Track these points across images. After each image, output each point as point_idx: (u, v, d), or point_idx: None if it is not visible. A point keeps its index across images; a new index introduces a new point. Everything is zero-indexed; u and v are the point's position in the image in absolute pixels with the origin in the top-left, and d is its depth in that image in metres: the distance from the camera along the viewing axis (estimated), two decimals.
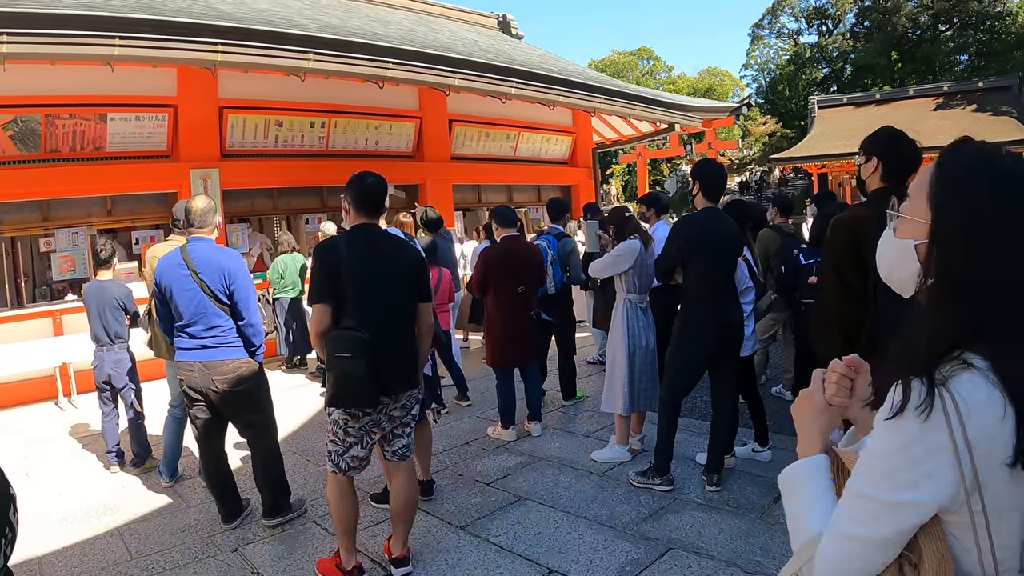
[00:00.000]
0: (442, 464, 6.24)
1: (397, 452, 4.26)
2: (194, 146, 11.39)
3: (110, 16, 8.41)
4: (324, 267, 3.99)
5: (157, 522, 5.42)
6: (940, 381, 1.22)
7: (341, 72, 10.50)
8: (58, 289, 11.11)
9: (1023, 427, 1.18)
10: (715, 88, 53.96)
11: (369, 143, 13.83)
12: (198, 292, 4.85)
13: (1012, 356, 1.22)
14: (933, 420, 1.20)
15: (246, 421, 5.16)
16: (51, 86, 10.01)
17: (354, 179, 4.21)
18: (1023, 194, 1.29)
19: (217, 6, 10.60)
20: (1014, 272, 1.26)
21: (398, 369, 4.07)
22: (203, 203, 5.07)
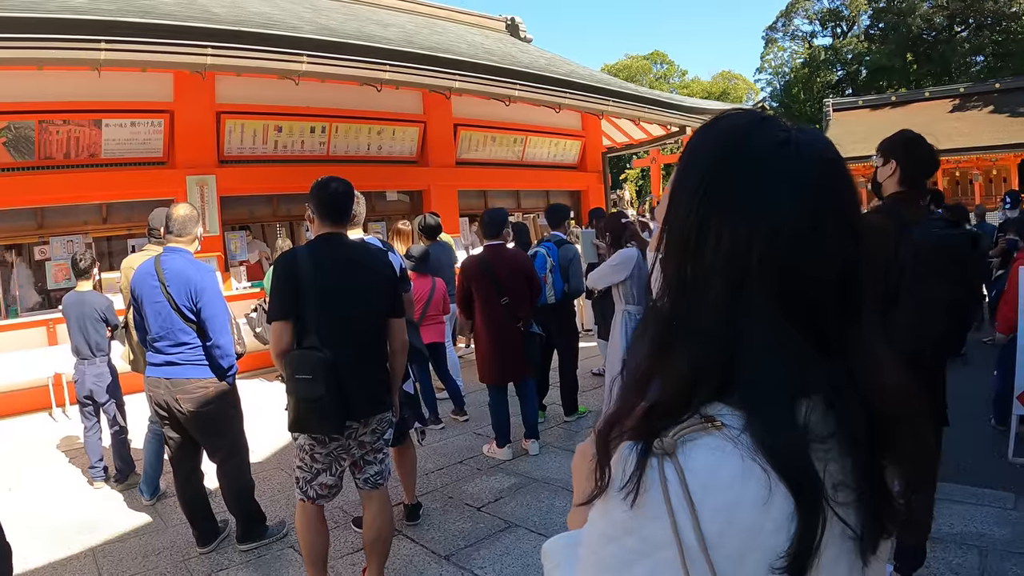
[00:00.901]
0: (432, 485, 5.97)
1: (369, 480, 3.99)
2: (191, 152, 11.24)
3: (95, 19, 8.25)
4: (282, 281, 3.71)
5: (133, 543, 5.23)
6: (662, 449, 0.85)
7: (336, 75, 10.31)
8: (55, 298, 10.96)
9: (806, 515, 0.82)
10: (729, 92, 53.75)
11: (372, 148, 13.66)
12: (166, 306, 4.63)
13: (768, 412, 0.85)
14: (646, 506, 0.84)
15: (211, 445, 4.92)
16: (44, 92, 9.88)
17: (317, 185, 3.96)
18: (772, 188, 0.91)
19: (211, 9, 10.44)
20: (757, 300, 0.90)
21: (365, 391, 3.79)
22: (185, 211, 4.82)
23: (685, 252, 0.95)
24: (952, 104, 28.41)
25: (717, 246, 0.92)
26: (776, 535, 0.82)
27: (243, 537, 4.93)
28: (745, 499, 0.82)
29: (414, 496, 5.29)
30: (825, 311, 0.91)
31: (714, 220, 0.92)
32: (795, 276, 0.89)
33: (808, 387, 0.87)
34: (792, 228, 0.89)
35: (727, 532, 0.82)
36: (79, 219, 10.93)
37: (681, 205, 0.98)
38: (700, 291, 0.93)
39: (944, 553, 4.25)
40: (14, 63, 8.24)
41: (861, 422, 0.88)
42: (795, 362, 0.88)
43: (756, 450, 0.83)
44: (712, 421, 0.86)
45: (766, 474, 0.82)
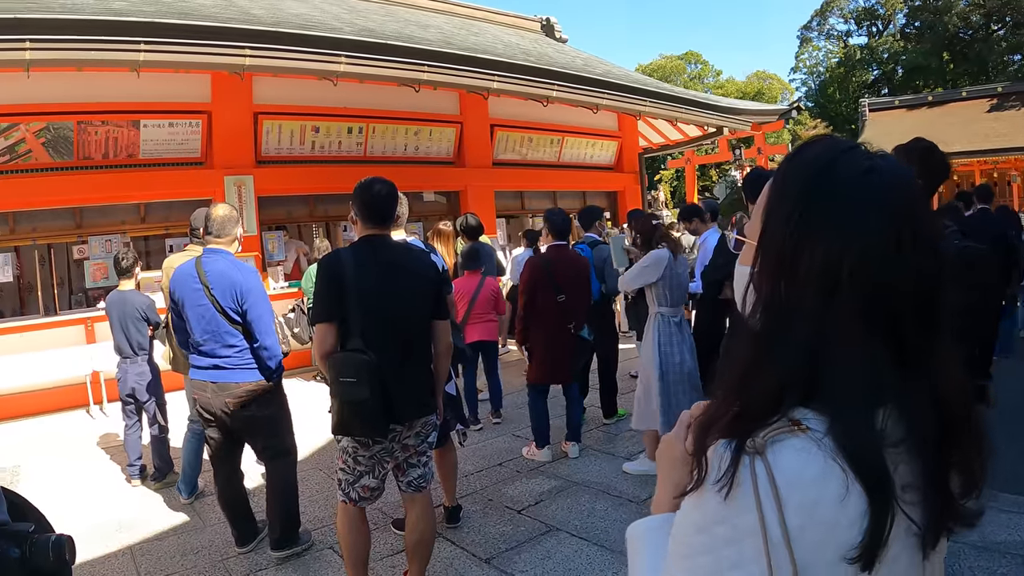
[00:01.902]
0: (472, 487, 5.92)
1: (412, 483, 3.94)
2: (228, 153, 11.31)
3: (135, 21, 8.31)
4: (327, 283, 3.68)
5: (171, 542, 5.23)
6: (754, 448, 0.94)
7: (374, 75, 10.31)
8: (92, 296, 11.07)
9: (877, 513, 0.90)
10: (764, 92, 53.25)
11: (408, 148, 13.65)
12: (210, 308, 4.57)
13: (849, 418, 0.93)
14: (738, 500, 0.94)
15: (262, 445, 4.87)
16: (83, 93, 9.97)
17: (361, 186, 3.91)
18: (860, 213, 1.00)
19: (249, 10, 10.48)
20: (845, 315, 0.98)
21: (409, 394, 3.74)
22: (224, 211, 4.75)
23: (781, 269, 1.04)
24: (990, 104, 27.93)
25: (811, 264, 1.00)
26: (850, 530, 0.90)
27: (279, 544, 4.81)
28: (825, 497, 0.91)
29: (454, 498, 5.24)
30: (904, 323, 0.98)
31: (808, 241, 1.01)
32: (879, 291, 0.98)
33: (885, 395, 0.95)
34: (878, 248, 0.98)
35: (808, 526, 0.91)
36: (117, 219, 11.04)
37: (777, 228, 1.06)
38: (793, 304, 1.02)
39: (988, 562, 4.17)
40: (54, 65, 8.34)
41: (931, 427, 0.95)
42: (875, 372, 0.95)
43: (837, 452, 0.91)
44: (798, 424, 0.94)
45: (845, 474, 0.90)
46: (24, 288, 11.12)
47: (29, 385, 8.86)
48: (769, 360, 1.01)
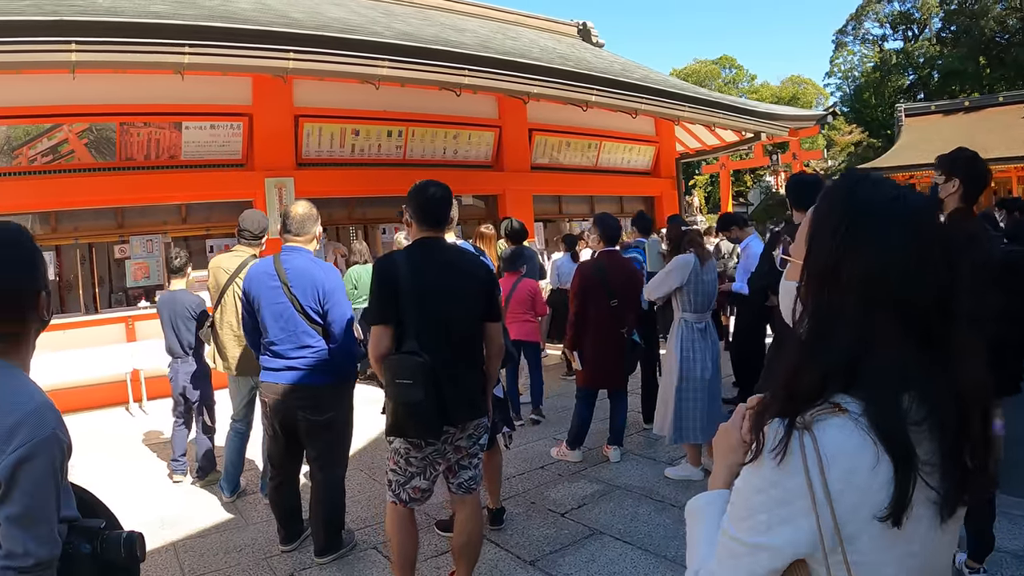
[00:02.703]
0: (514, 490, 5.91)
1: (463, 484, 3.93)
2: (269, 155, 11.39)
3: (180, 24, 8.41)
4: (382, 285, 3.67)
5: (214, 539, 5.25)
6: (803, 424, 1.18)
7: (416, 79, 10.35)
8: (133, 295, 11.18)
9: (902, 479, 1.13)
10: (798, 97, 52.74)
11: (448, 152, 13.69)
12: (288, 307, 4.50)
13: (881, 402, 1.16)
14: (789, 465, 1.17)
15: (319, 450, 4.74)
16: (126, 95, 10.09)
17: (415, 189, 3.88)
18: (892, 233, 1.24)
19: (290, 14, 10.58)
20: (881, 317, 1.21)
21: (463, 396, 3.72)
22: (304, 209, 4.67)
23: (826, 282, 1.28)
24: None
25: (851, 277, 1.23)
26: (879, 493, 1.13)
27: (323, 550, 4.76)
28: (861, 466, 1.13)
29: (498, 500, 5.23)
30: (929, 321, 1.20)
31: (848, 256, 1.24)
32: (908, 296, 1.20)
33: (910, 383, 1.17)
34: (904, 262, 1.21)
35: (846, 490, 1.14)
36: (158, 219, 11.15)
37: (822, 247, 1.30)
38: (836, 311, 1.24)
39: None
40: (99, 66, 8.46)
41: (950, 411, 1.16)
42: (903, 364, 1.18)
43: (870, 430, 1.14)
44: (839, 406, 1.17)
45: (876, 448, 1.13)
46: (64, 287, 11.25)
47: (70, 382, 8.93)
48: (816, 358, 1.23)
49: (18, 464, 1.68)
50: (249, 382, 5.72)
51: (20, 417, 1.72)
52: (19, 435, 1.70)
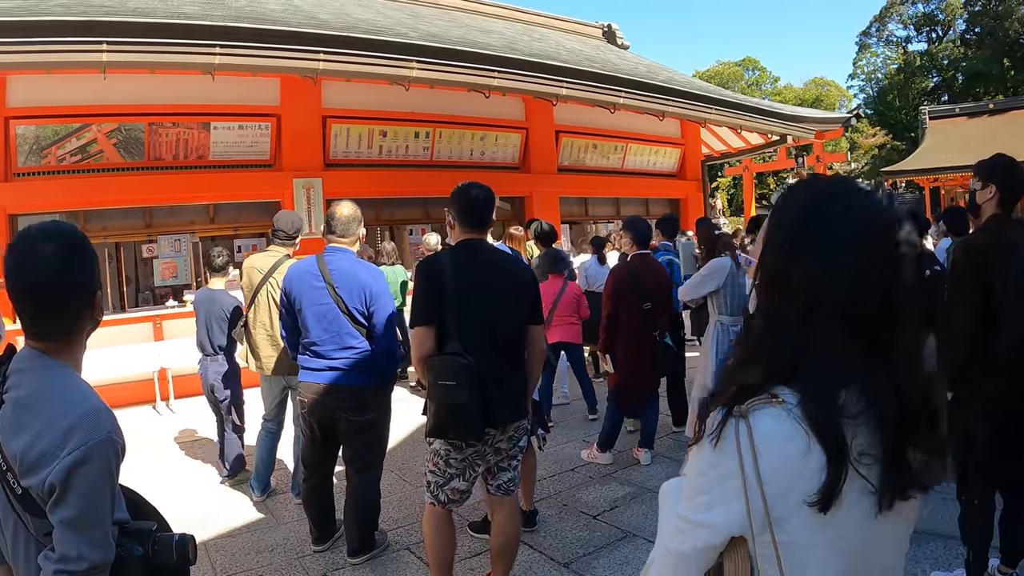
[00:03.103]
0: (546, 492, 5.88)
1: (502, 486, 3.91)
2: (297, 155, 11.45)
3: (210, 25, 8.46)
4: (426, 286, 3.64)
5: (245, 538, 5.26)
6: (740, 413, 1.24)
7: (445, 81, 10.37)
8: (160, 295, 11.25)
9: (832, 469, 1.18)
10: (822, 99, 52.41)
11: (475, 154, 13.72)
12: (332, 308, 4.47)
13: (815, 395, 1.22)
14: (725, 449, 1.25)
15: (356, 451, 4.71)
16: (154, 95, 10.18)
17: (458, 191, 3.86)
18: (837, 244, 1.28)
19: (318, 15, 10.62)
20: (821, 320, 1.27)
21: (506, 398, 3.69)
22: (348, 210, 4.64)
23: (774, 285, 1.35)
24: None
25: (797, 283, 1.29)
26: (811, 480, 1.18)
27: (356, 552, 4.75)
28: (791, 451, 1.20)
29: (531, 503, 5.21)
30: (872, 325, 1.25)
31: (795, 265, 1.30)
32: (849, 305, 1.25)
33: (848, 379, 1.22)
34: (848, 272, 1.25)
35: (777, 474, 1.20)
36: (186, 219, 11.23)
37: (772, 252, 1.37)
38: (782, 314, 1.31)
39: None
40: (130, 67, 8.53)
41: (888, 406, 1.21)
42: (840, 362, 1.23)
43: (803, 419, 1.20)
44: (776, 397, 1.23)
45: (808, 436, 1.19)
46: None
47: (98, 380, 8.94)
48: (760, 355, 1.31)
49: (73, 467, 1.67)
50: (281, 382, 5.73)
51: (75, 419, 1.72)
52: (74, 438, 1.69)
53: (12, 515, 1.80)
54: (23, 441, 1.72)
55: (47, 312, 1.85)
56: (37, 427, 1.72)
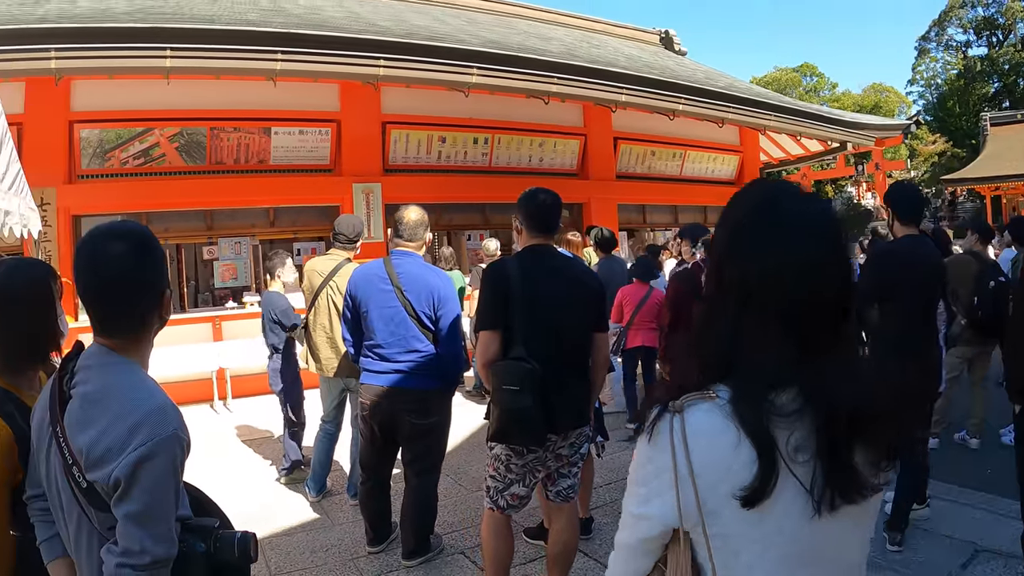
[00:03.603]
0: (602, 499, 5.82)
1: (561, 493, 3.88)
2: (357, 161, 11.54)
3: (272, 32, 8.60)
4: (492, 291, 3.64)
5: (300, 538, 5.29)
6: (676, 409, 1.29)
7: (505, 87, 10.41)
8: (220, 296, 11.42)
9: (761, 465, 1.20)
10: (881, 105, 51.45)
11: (533, 160, 13.69)
12: (400, 311, 4.46)
13: (745, 393, 1.25)
14: (659, 444, 1.30)
15: (416, 454, 4.69)
16: (216, 100, 10.36)
17: (526, 196, 3.84)
18: (769, 241, 1.33)
19: (377, 22, 10.73)
20: (752, 317, 1.30)
21: (569, 404, 3.66)
22: (416, 215, 4.65)
23: (715, 281, 1.41)
24: None
25: (731, 278, 1.35)
26: (741, 472, 1.21)
27: (411, 554, 4.75)
28: (721, 444, 1.23)
29: (588, 510, 5.17)
30: (803, 324, 1.27)
31: (729, 262, 1.37)
32: (781, 302, 1.28)
33: (780, 378, 1.25)
34: (776, 271, 1.29)
35: (707, 464, 1.24)
36: (247, 222, 11.40)
37: (715, 250, 1.45)
38: (719, 308, 1.37)
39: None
40: (193, 72, 8.72)
41: (821, 405, 1.22)
42: (773, 360, 1.26)
43: (733, 414, 1.23)
44: (709, 393, 1.28)
45: (738, 430, 1.22)
46: None
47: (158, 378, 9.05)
48: (698, 350, 1.38)
49: (139, 462, 1.69)
50: (340, 384, 5.77)
51: (142, 416, 1.75)
52: (141, 433, 1.72)
53: (76, 508, 1.83)
54: (90, 436, 1.74)
55: (117, 310, 1.88)
56: (104, 422, 1.75)
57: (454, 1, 15.60)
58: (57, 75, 8.13)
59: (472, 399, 9.32)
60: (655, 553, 1.39)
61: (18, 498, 2.13)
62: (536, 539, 4.89)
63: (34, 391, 2.31)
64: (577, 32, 16.62)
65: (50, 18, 8.17)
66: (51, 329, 2.37)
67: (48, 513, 2.00)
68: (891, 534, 4.63)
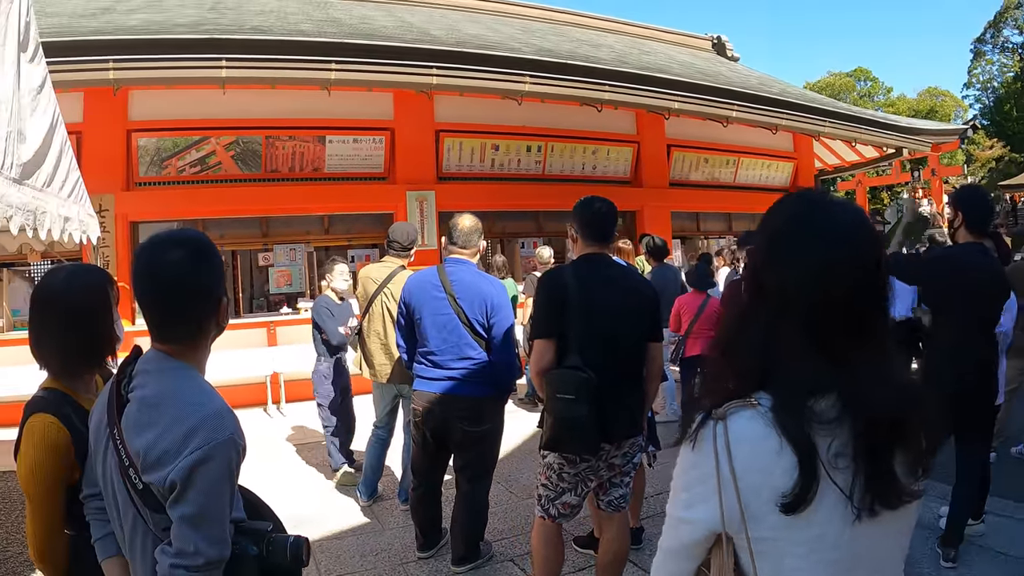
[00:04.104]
0: (652, 509, 5.76)
1: (613, 502, 3.86)
2: (411, 168, 11.61)
3: (326, 42, 8.75)
4: (548, 300, 3.64)
5: (350, 542, 5.32)
6: (718, 416, 1.32)
7: (557, 95, 10.43)
8: (274, 301, 11.57)
9: (802, 471, 1.23)
10: (936, 109, 50.52)
11: (586, 168, 13.64)
12: (453, 319, 4.47)
13: (785, 400, 1.28)
14: (703, 450, 1.33)
15: (468, 461, 4.70)
16: (272, 109, 10.51)
17: (581, 204, 3.84)
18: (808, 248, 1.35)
19: (430, 31, 10.83)
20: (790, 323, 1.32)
21: (623, 413, 3.64)
22: (470, 222, 4.67)
23: (751, 288, 1.44)
24: None
25: (769, 284, 1.38)
26: (783, 479, 1.24)
27: (460, 560, 4.75)
28: (763, 450, 1.26)
29: (638, 519, 5.14)
30: (839, 332, 1.30)
31: (768, 268, 1.40)
32: (817, 309, 1.30)
33: (819, 384, 1.28)
34: (814, 276, 1.31)
35: (749, 470, 1.28)
36: (301, 229, 11.56)
37: (754, 257, 1.46)
38: (755, 315, 1.39)
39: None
40: (248, 82, 8.89)
41: (859, 412, 1.25)
42: (811, 367, 1.29)
43: (775, 422, 1.26)
44: (751, 401, 1.31)
45: (779, 437, 1.25)
46: None
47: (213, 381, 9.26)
48: (734, 358, 1.41)
49: (195, 466, 1.72)
50: (393, 390, 5.81)
51: (199, 420, 1.77)
52: (197, 437, 1.74)
53: (132, 509, 1.85)
54: (147, 439, 1.77)
55: (175, 317, 1.91)
56: (161, 426, 1.77)
57: (506, 9, 15.73)
58: (115, 85, 8.33)
59: (524, 407, 9.32)
60: (698, 558, 1.43)
61: (73, 498, 2.18)
62: (586, 548, 4.87)
63: (90, 394, 2.37)
64: (629, 39, 16.62)
65: (107, 30, 8.40)
66: (108, 334, 2.41)
67: (103, 512, 2.04)
68: (945, 550, 4.49)
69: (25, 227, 3.75)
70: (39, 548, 2.22)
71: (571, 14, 16.96)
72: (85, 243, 5.22)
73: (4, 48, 3.50)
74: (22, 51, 3.82)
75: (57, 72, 5.26)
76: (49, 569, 2.26)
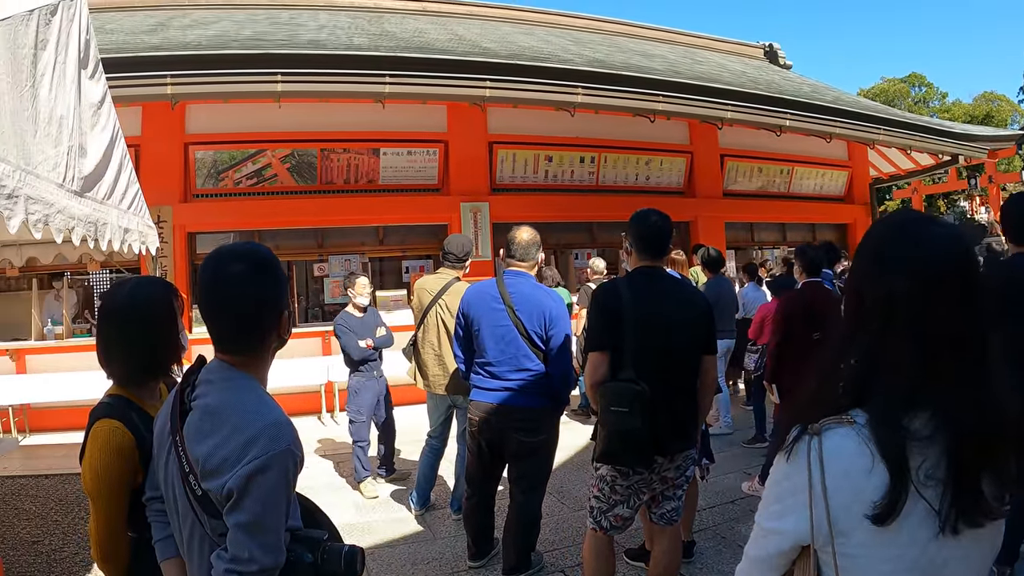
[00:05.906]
0: (704, 523, 5.75)
1: (665, 515, 3.86)
2: (464, 180, 11.69)
3: (380, 55, 8.85)
4: (602, 312, 3.66)
5: (402, 550, 5.36)
6: (814, 430, 1.35)
7: (610, 106, 10.44)
8: (329, 311, 11.70)
9: (892, 487, 1.25)
10: (992, 115, 49.20)
11: (639, 178, 13.59)
12: (511, 330, 4.48)
13: (883, 417, 1.30)
14: (797, 463, 1.36)
15: (523, 472, 4.68)
16: (327, 122, 10.69)
17: (636, 217, 3.85)
18: (905, 270, 1.37)
19: (482, 44, 10.90)
20: (893, 337, 1.35)
21: (677, 426, 3.64)
22: (528, 235, 4.69)
23: (855, 302, 1.46)
24: None
25: (874, 297, 1.39)
26: (873, 495, 1.27)
27: (513, 569, 4.71)
28: (855, 467, 1.29)
29: (690, 533, 5.11)
30: (941, 349, 1.31)
31: (872, 281, 1.41)
32: (921, 324, 1.32)
33: (917, 402, 1.29)
34: (918, 286, 1.34)
35: (841, 486, 1.31)
36: (356, 240, 11.70)
37: (856, 271, 1.51)
38: (857, 333, 1.42)
39: None
40: (303, 96, 9.05)
41: (953, 431, 1.26)
42: (909, 385, 1.31)
43: (870, 439, 1.29)
44: (847, 418, 1.34)
45: (872, 454, 1.28)
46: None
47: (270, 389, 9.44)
48: (834, 373, 1.44)
49: (252, 475, 1.75)
50: (447, 400, 5.83)
51: (258, 430, 1.80)
52: (256, 447, 1.77)
53: (190, 514, 1.90)
54: (207, 447, 1.81)
55: (236, 328, 1.95)
56: (222, 435, 1.81)
57: (559, 21, 15.77)
58: (173, 100, 8.49)
59: (578, 418, 9.30)
60: (782, 568, 1.46)
61: (136, 500, 2.25)
62: (637, 560, 4.86)
63: (155, 401, 2.43)
64: (680, 48, 16.55)
65: (165, 46, 8.59)
66: (172, 344, 2.47)
67: (164, 515, 2.10)
68: (1000, 568, 4.39)
69: (87, 238, 3.86)
70: (102, 548, 2.29)
71: (623, 24, 16.95)
72: (144, 253, 5.34)
73: (65, 65, 3.60)
74: (82, 68, 3.93)
75: (116, 87, 5.39)
76: (111, 569, 2.32)
